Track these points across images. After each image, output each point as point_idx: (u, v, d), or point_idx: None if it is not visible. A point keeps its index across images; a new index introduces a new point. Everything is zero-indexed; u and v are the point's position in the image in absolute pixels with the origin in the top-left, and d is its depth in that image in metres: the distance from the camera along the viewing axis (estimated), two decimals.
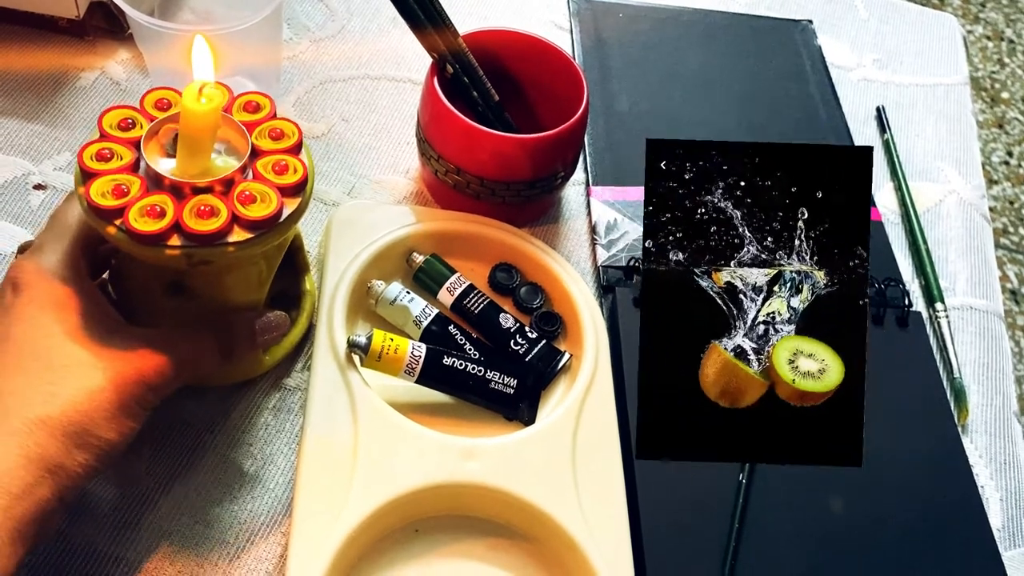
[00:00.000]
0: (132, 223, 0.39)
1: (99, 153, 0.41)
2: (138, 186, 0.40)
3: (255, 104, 0.45)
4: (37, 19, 0.62)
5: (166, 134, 0.42)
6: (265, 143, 0.43)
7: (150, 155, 0.42)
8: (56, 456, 0.38)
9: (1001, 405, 0.58)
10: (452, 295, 0.54)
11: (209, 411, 0.49)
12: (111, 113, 0.43)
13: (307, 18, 0.69)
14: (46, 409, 0.38)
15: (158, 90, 0.44)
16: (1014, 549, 0.53)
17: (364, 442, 0.46)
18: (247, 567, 0.45)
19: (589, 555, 0.45)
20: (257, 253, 0.42)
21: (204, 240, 0.40)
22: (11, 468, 0.36)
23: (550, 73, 0.59)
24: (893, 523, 0.51)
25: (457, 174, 0.56)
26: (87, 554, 0.44)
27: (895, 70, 0.77)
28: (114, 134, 0.42)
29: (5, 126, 0.59)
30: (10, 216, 0.56)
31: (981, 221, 0.68)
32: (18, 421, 0.37)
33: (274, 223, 0.42)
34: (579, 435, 0.49)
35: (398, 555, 0.46)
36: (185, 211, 0.40)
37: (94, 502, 0.46)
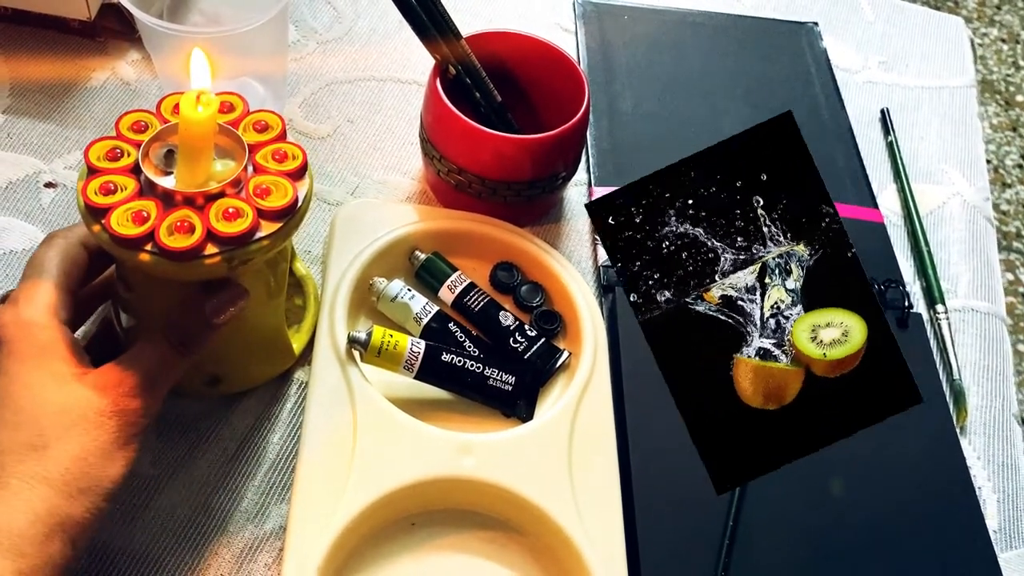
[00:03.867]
0: (165, 242, 0.40)
1: (104, 187, 0.42)
2: (154, 207, 0.41)
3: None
4: (49, 20, 0.64)
5: (154, 152, 0.43)
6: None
7: (150, 173, 0.42)
8: (62, 508, 0.38)
9: (1001, 407, 0.59)
10: (453, 293, 0.55)
11: (214, 405, 0.50)
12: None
13: (314, 20, 0.70)
14: (42, 464, 0.38)
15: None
16: (1011, 551, 0.53)
17: (363, 436, 0.47)
18: (247, 556, 0.46)
19: (583, 551, 0.46)
20: (288, 242, 0.43)
21: (239, 241, 0.41)
22: (21, 528, 0.37)
23: (552, 75, 0.60)
24: (889, 522, 0.51)
25: (459, 174, 0.57)
26: (92, 545, 0.45)
27: (901, 72, 0.77)
28: (110, 167, 0.43)
29: (17, 125, 0.60)
30: (21, 214, 0.57)
31: (984, 224, 0.68)
32: (16, 480, 0.38)
33: (295, 208, 0.43)
34: (576, 432, 0.50)
35: (394, 547, 0.46)
36: (212, 218, 0.41)
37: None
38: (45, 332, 0.41)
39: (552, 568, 0.47)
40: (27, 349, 0.40)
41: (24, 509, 0.37)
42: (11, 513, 0.37)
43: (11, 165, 0.58)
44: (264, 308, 0.48)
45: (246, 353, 0.50)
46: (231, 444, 0.49)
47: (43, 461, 0.38)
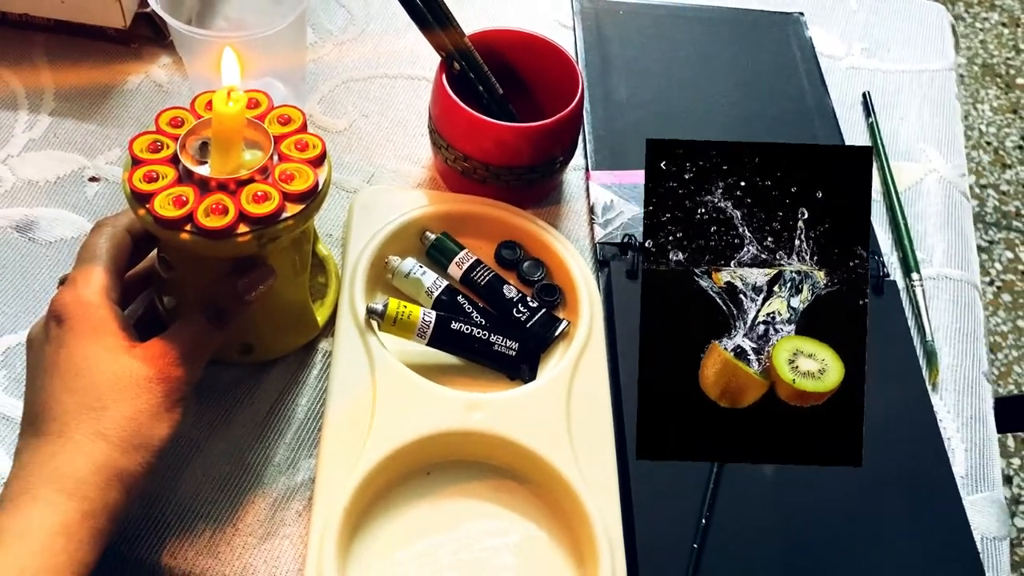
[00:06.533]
0: (203, 222, 0.45)
1: (147, 175, 0.47)
2: (192, 193, 0.46)
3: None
4: (88, 29, 0.69)
5: (191, 144, 0.48)
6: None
7: (187, 163, 0.47)
8: (119, 461, 0.43)
9: (971, 366, 0.63)
10: (461, 268, 0.60)
11: (247, 372, 0.56)
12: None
13: (330, 23, 0.76)
14: (100, 423, 0.43)
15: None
16: (976, 494, 0.57)
17: (381, 396, 0.52)
18: (280, 504, 0.52)
19: (581, 495, 0.51)
20: (311, 222, 0.48)
21: (268, 221, 0.46)
22: (85, 476, 0.42)
23: (549, 68, 0.65)
24: (864, 472, 0.55)
25: (465, 161, 0.62)
26: (143, 495, 0.51)
27: (882, 58, 0.82)
28: (152, 158, 0.48)
29: (63, 126, 0.66)
30: (69, 205, 0.63)
31: (960, 198, 0.73)
32: (79, 435, 0.43)
33: (316, 191, 0.48)
34: (573, 391, 0.55)
35: (411, 494, 0.52)
36: (243, 201, 0.46)
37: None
38: (99, 311, 0.46)
39: (553, 511, 0.52)
40: (84, 326, 0.45)
41: (87, 460, 0.43)
42: (76, 463, 0.42)
43: (59, 162, 0.64)
44: (291, 284, 0.53)
45: (276, 325, 0.55)
46: (264, 406, 0.55)
47: (101, 420, 0.43)
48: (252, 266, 0.49)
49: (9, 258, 0.60)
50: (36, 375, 0.45)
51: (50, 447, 0.43)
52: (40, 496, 0.41)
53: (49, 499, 0.41)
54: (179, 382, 0.46)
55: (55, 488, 0.41)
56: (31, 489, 0.41)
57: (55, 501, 0.41)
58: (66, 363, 0.45)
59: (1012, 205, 1.57)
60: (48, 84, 0.68)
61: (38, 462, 0.42)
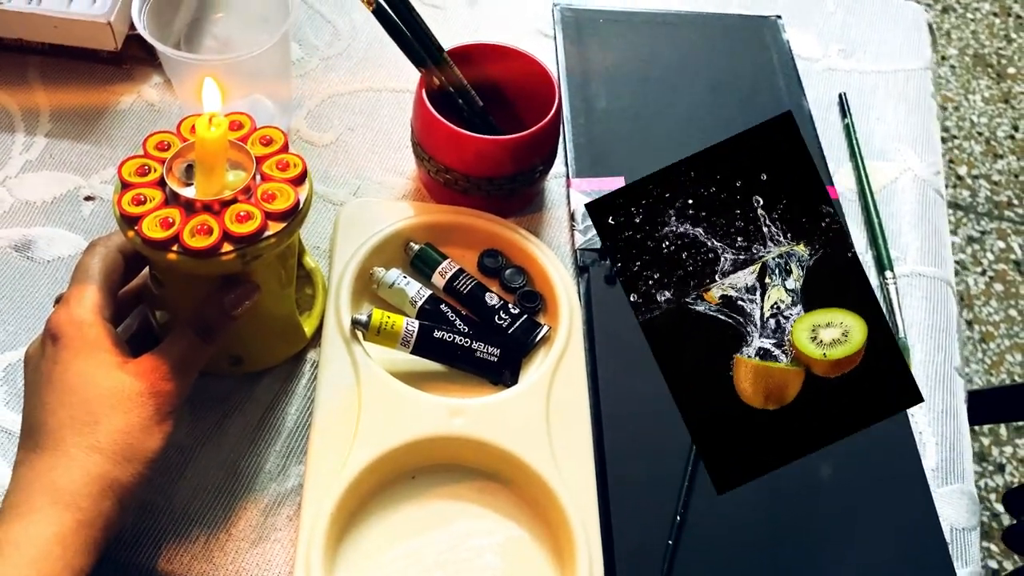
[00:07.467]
0: (189, 242, 0.47)
1: (136, 198, 0.49)
2: (178, 214, 0.48)
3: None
4: (82, 52, 0.72)
5: (176, 167, 0.50)
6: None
7: (173, 185, 0.49)
8: (112, 472, 0.45)
9: (943, 361, 0.65)
10: (444, 278, 0.62)
11: (238, 382, 0.58)
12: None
13: (316, 38, 0.78)
14: (94, 436, 0.45)
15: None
16: (946, 486, 0.59)
17: (366, 403, 0.55)
18: (271, 510, 0.54)
19: (560, 497, 0.53)
20: (295, 238, 0.50)
21: (251, 240, 0.48)
22: (79, 488, 0.44)
23: (526, 79, 0.67)
24: (831, 461, 0.57)
25: (447, 173, 0.64)
26: (138, 504, 0.53)
27: (859, 59, 0.83)
28: (139, 182, 0.50)
29: (59, 146, 0.68)
30: (65, 224, 0.65)
31: (934, 196, 0.75)
32: (74, 449, 0.45)
33: (297, 209, 0.50)
34: (552, 395, 0.57)
35: (397, 497, 0.54)
36: (227, 221, 0.48)
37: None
38: (93, 329, 0.48)
39: (533, 512, 0.54)
40: (78, 343, 0.47)
41: (81, 472, 0.45)
42: (71, 475, 0.45)
43: (55, 182, 0.67)
44: (277, 297, 0.55)
45: (264, 337, 0.57)
46: (254, 415, 0.57)
47: (95, 434, 0.46)
48: (238, 283, 0.51)
49: (8, 277, 0.62)
50: (33, 391, 0.47)
51: (46, 460, 0.45)
52: (37, 507, 0.43)
53: (45, 510, 0.43)
54: (170, 396, 0.48)
55: (51, 499, 0.44)
56: (29, 500, 0.44)
57: (51, 512, 0.43)
58: (61, 379, 0.47)
59: (1004, 195, 1.59)
60: (43, 106, 0.70)
61: (35, 474, 0.44)
